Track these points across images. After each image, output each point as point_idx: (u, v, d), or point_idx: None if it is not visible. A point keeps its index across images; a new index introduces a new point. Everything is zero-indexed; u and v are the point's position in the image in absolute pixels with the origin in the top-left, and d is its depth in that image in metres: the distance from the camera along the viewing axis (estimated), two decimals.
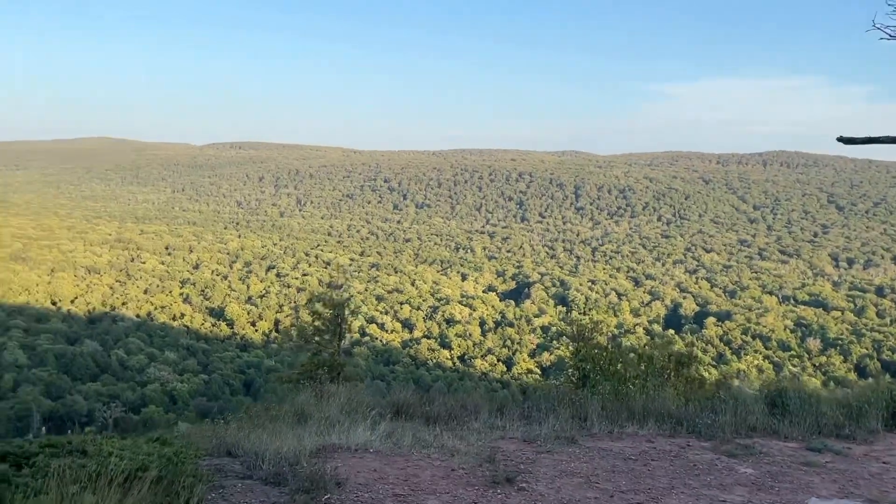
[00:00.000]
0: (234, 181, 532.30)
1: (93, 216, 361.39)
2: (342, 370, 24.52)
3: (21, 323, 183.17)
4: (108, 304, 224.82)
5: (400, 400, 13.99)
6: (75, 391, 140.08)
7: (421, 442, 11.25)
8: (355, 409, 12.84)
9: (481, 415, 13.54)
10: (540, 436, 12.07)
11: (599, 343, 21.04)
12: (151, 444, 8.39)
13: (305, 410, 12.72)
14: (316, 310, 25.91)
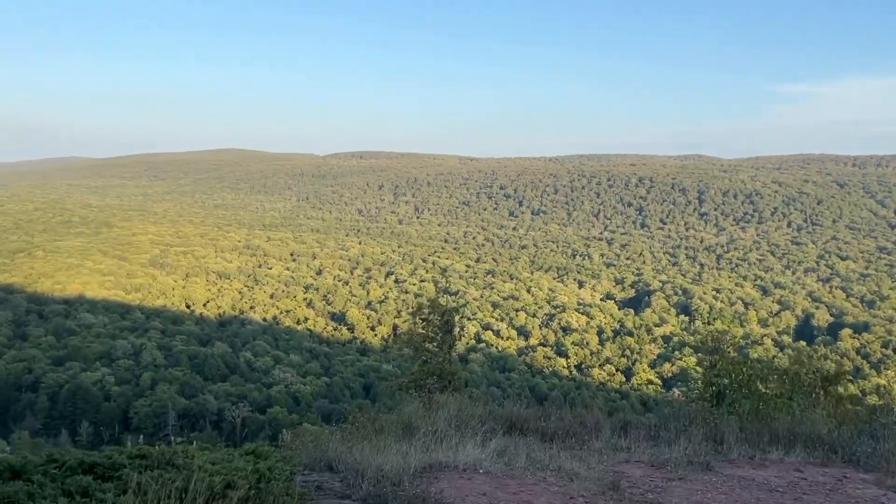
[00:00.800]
0: (356, 190, 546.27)
1: (224, 224, 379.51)
2: (453, 379, 23.58)
3: (159, 325, 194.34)
4: (237, 307, 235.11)
5: (513, 414, 13.00)
6: (207, 391, 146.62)
7: (536, 463, 10.22)
8: (465, 422, 11.96)
9: (603, 433, 12.33)
10: (670, 460, 10.77)
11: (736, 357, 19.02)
12: (245, 458, 7.87)
13: (412, 422, 11.95)
14: (425, 316, 25.24)
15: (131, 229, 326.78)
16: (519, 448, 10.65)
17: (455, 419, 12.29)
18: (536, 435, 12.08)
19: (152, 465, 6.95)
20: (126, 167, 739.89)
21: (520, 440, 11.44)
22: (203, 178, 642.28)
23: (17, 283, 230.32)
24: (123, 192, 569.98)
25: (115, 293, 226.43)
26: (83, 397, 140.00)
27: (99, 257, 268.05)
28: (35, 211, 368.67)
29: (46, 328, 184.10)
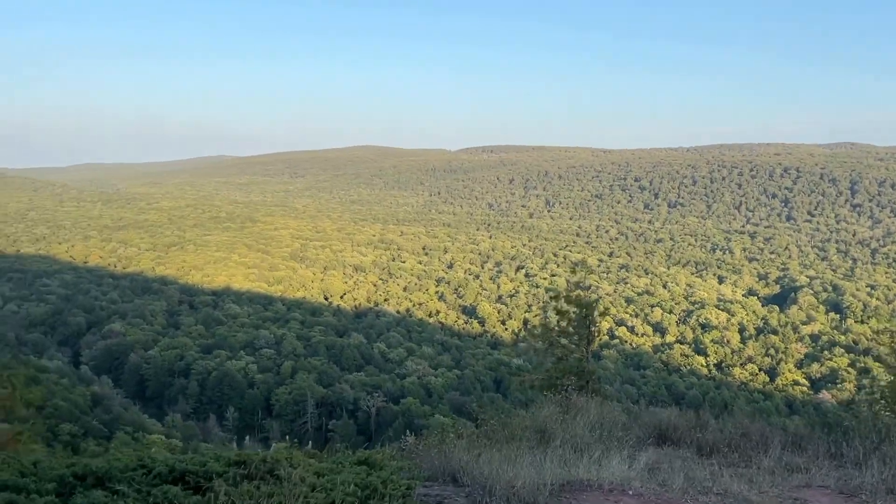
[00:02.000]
0: (486, 184, 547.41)
1: (359, 219, 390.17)
2: (591, 379, 21.63)
3: (298, 316, 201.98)
4: (371, 300, 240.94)
5: (663, 421, 11.45)
6: (343, 380, 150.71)
7: (696, 483, 8.62)
8: (608, 430, 10.57)
9: (772, 448, 10.39)
10: (863, 487, 8.86)
11: None
12: (356, 469, 6.90)
13: (548, 428, 10.63)
14: (562, 308, 23.44)
15: (273, 224, 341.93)
16: (673, 464, 9.02)
17: (596, 426, 10.96)
18: (691, 447, 10.52)
19: (250, 475, 6.13)
20: (269, 165, 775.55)
21: (672, 454, 9.85)
22: (340, 174, 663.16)
23: (171, 275, 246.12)
24: (266, 189, 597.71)
25: (258, 285, 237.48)
26: (229, 384, 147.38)
27: (244, 251, 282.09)
28: (186, 207, 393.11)
29: (196, 318, 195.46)
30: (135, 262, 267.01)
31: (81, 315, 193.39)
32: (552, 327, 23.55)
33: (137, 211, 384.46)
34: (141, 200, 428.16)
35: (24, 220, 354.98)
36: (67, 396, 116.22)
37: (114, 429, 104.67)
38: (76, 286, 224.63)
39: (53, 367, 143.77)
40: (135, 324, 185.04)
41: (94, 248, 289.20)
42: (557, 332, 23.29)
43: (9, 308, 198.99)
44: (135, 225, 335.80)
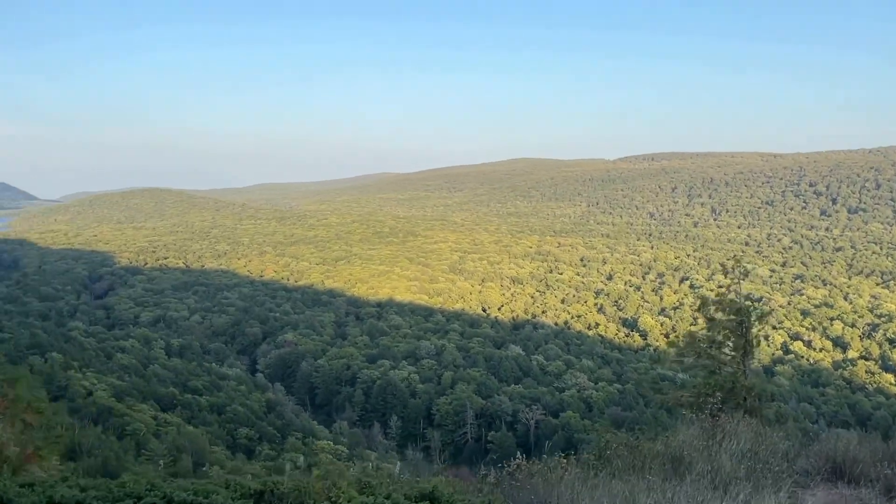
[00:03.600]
0: (647, 192, 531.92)
1: (516, 231, 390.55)
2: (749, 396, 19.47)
3: (457, 327, 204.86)
4: (529, 311, 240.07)
5: (839, 451, 9.42)
6: (501, 391, 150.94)
7: None
8: (764, 462, 8.83)
9: None
10: None
11: None
12: None
13: (685, 456, 9.35)
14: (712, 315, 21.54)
15: (433, 238, 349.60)
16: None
17: (747, 455, 9.28)
18: (876, 487, 8.39)
19: None
20: (429, 180, 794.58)
21: (850, 495, 8.19)
22: (497, 187, 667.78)
23: (338, 288, 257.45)
24: (427, 204, 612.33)
25: (419, 297, 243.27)
26: (392, 393, 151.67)
27: (405, 264, 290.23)
28: (353, 223, 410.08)
29: (362, 328, 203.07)
30: (306, 276, 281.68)
31: (258, 326, 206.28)
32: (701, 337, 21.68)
33: (308, 227, 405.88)
34: (311, 217, 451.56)
35: (207, 238, 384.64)
36: (245, 402, 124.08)
37: (286, 434, 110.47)
38: (253, 298, 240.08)
39: (233, 375, 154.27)
40: (306, 334, 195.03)
41: (269, 263, 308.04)
42: (707, 342, 21.41)
43: (194, 319, 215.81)
44: (305, 240, 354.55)
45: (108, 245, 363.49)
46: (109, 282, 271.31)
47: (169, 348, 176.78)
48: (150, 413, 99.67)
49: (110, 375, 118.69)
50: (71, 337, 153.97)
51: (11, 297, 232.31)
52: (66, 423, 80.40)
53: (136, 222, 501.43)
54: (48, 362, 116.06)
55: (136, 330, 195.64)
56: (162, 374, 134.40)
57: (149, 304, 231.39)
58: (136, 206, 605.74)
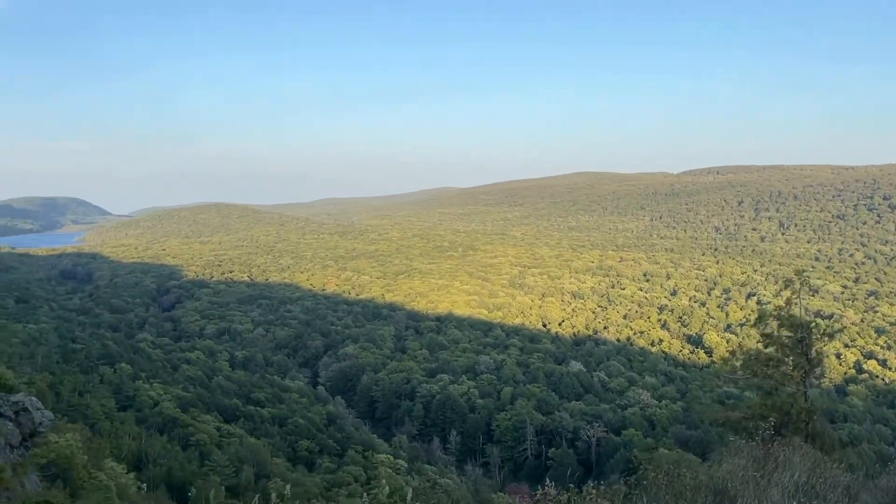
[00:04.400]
0: (712, 207, 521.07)
1: (577, 245, 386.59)
2: (809, 420, 17.75)
3: (517, 342, 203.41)
4: (590, 327, 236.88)
5: None
6: (562, 408, 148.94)
7: None
8: (822, 497, 7.84)
9: None
10: None
11: None
12: None
13: (729, 488, 8.29)
14: (770, 332, 19.97)
15: (493, 252, 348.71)
16: None
17: (801, 490, 8.14)
18: None
19: None
20: (489, 195, 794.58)
21: None
22: (558, 201, 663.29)
23: (399, 302, 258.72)
24: (487, 218, 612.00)
25: (478, 311, 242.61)
26: (452, 407, 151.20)
27: (465, 278, 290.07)
28: (413, 237, 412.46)
29: (421, 342, 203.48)
30: (367, 290, 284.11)
31: (319, 339, 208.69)
32: (758, 354, 20.05)
33: (369, 241, 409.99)
34: (372, 232, 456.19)
35: (272, 252, 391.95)
36: (306, 415, 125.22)
37: (346, 447, 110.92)
38: (315, 312, 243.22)
39: (295, 387, 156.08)
40: (366, 347, 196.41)
41: (331, 277, 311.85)
42: (764, 359, 19.80)
43: (258, 331, 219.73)
44: (367, 255, 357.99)
45: (175, 259, 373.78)
46: (177, 294, 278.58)
47: (233, 360, 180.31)
48: (213, 424, 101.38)
49: (176, 386, 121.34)
50: (139, 348, 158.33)
51: (85, 309, 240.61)
52: (133, 433, 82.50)
53: (203, 236, 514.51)
54: (117, 373, 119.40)
55: (202, 342, 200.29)
56: (226, 386, 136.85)
57: (214, 317, 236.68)
58: (203, 220, 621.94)
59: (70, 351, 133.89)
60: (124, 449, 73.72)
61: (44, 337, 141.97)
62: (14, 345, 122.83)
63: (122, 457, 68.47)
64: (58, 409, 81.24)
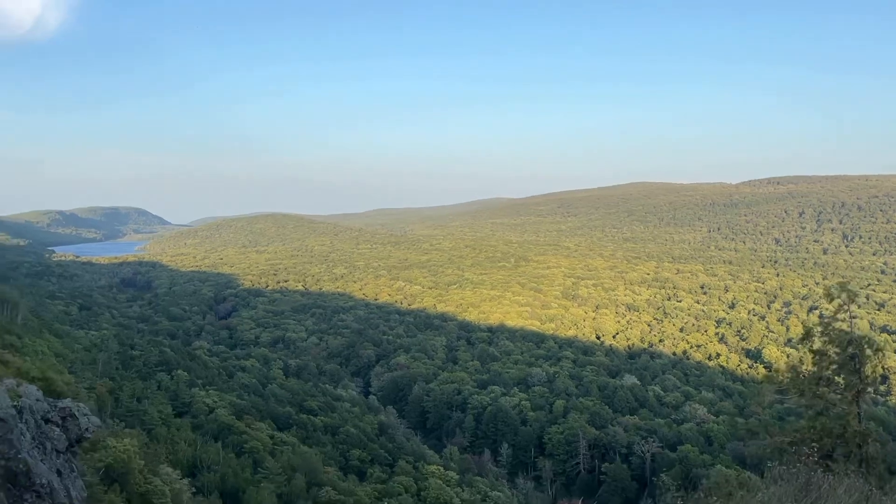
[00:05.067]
0: (772, 218, 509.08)
1: (632, 257, 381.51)
2: (863, 443, 16.16)
3: (570, 354, 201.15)
4: (645, 340, 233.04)
5: None
6: (616, 422, 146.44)
7: None
8: None
9: None
10: None
11: None
12: None
13: None
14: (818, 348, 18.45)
15: (546, 263, 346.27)
16: None
17: None
18: None
19: None
20: (542, 205, 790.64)
21: None
22: (612, 212, 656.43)
23: (450, 312, 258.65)
24: (539, 229, 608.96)
25: (531, 323, 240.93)
26: (503, 420, 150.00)
27: (517, 289, 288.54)
28: (465, 248, 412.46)
29: (473, 353, 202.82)
30: (418, 300, 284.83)
31: (371, 348, 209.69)
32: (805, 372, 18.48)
33: (421, 252, 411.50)
34: (425, 242, 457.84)
35: (326, 261, 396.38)
36: (357, 424, 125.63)
37: (397, 457, 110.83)
38: (367, 321, 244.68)
39: (347, 396, 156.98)
40: (418, 357, 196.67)
41: (383, 287, 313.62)
42: (813, 378, 18.23)
43: (311, 340, 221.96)
44: (419, 265, 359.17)
45: (232, 268, 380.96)
46: (233, 303, 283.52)
47: (287, 369, 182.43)
48: (267, 432, 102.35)
49: (231, 394, 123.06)
50: (196, 355, 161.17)
51: (144, 316, 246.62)
52: (189, 439, 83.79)
53: (260, 246, 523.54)
54: (174, 379, 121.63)
55: (257, 350, 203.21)
56: (279, 394, 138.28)
57: (269, 326, 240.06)
58: (259, 230, 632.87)
59: (129, 357, 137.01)
60: (180, 455, 74.91)
61: (105, 343, 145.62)
62: (76, 351, 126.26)
63: (178, 462, 69.56)
64: (116, 415, 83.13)
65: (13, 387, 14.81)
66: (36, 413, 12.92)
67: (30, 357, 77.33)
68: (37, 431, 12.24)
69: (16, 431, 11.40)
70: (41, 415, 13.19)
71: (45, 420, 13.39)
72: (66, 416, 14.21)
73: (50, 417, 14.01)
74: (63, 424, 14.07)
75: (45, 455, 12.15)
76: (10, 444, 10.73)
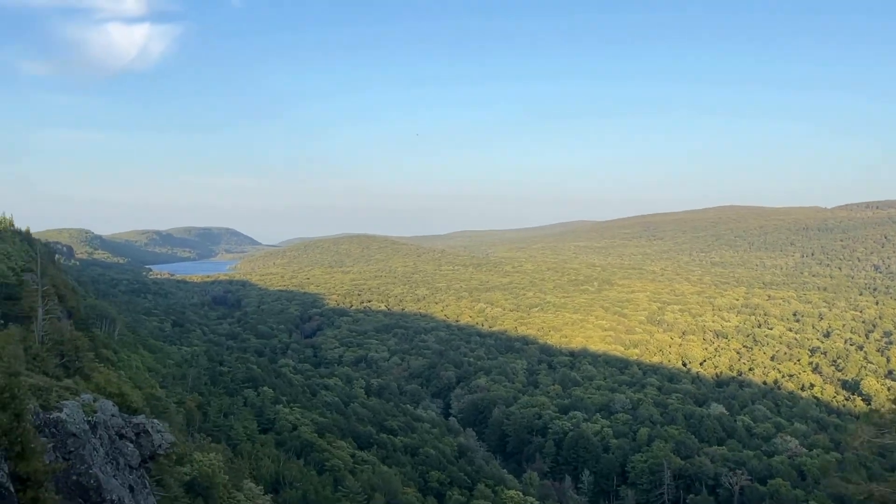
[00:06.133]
0: (870, 243, 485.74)
1: (720, 282, 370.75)
2: None
3: (655, 381, 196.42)
4: (734, 368, 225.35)
5: None
6: (702, 452, 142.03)
7: None
8: None
9: None
10: None
11: None
12: None
13: None
14: None
15: (630, 287, 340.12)
16: None
17: None
18: None
19: None
20: (626, 228, 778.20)
21: None
22: (700, 236, 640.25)
23: (531, 335, 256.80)
24: (623, 252, 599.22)
25: (614, 348, 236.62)
26: (584, 446, 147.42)
27: (600, 313, 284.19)
28: (547, 271, 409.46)
29: (554, 377, 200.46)
30: (499, 322, 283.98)
31: (452, 369, 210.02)
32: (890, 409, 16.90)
33: (503, 274, 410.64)
34: (506, 264, 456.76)
35: (408, 282, 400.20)
36: (437, 445, 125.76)
37: (476, 480, 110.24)
38: (448, 343, 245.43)
39: (427, 417, 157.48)
40: (498, 380, 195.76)
41: (464, 308, 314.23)
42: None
43: (393, 360, 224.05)
44: (500, 287, 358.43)
45: (318, 287, 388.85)
46: (318, 322, 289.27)
47: (368, 388, 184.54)
48: (348, 450, 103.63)
49: (314, 411, 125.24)
50: (281, 373, 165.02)
51: (233, 333, 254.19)
52: (273, 455, 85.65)
53: (345, 266, 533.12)
54: (260, 396, 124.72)
55: (340, 369, 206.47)
56: (361, 413, 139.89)
57: (352, 345, 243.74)
58: (344, 251, 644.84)
59: (218, 373, 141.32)
60: (263, 471, 76.62)
61: (195, 359, 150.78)
62: (168, 366, 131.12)
63: (261, 478, 71.15)
64: (204, 429, 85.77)
65: (90, 402, 15.57)
66: (110, 428, 13.47)
67: (124, 371, 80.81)
68: (110, 447, 12.77)
69: (88, 447, 11.90)
70: (115, 430, 13.74)
71: (119, 435, 13.93)
72: (140, 432, 14.78)
73: (124, 433, 14.58)
74: (137, 440, 14.63)
75: (117, 470, 12.65)
76: (82, 460, 11.25)
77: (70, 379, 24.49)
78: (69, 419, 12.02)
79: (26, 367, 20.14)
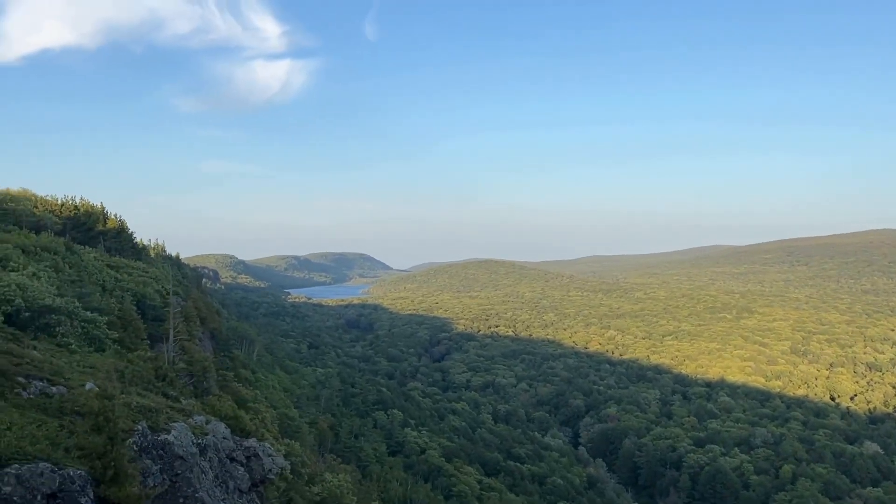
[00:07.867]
0: None
1: (873, 311, 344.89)
2: None
3: (799, 415, 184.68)
4: (890, 404, 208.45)
5: None
6: (854, 494, 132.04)
7: None
8: None
9: None
10: None
11: None
12: None
13: None
14: None
15: (772, 315, 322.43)
16: None
17: None
18: None
19: None
20: (766, 253, 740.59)
21: None
22: (849, 261, 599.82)
23: (665, 364, 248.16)
24: (764, 278, 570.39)
25: (754, 379, 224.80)
26: (722, 481, 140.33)
27: (739, 342, 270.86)
28: (681, 297, 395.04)
29: (689, 409, 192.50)
30: (630, 350, 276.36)
31: (581, 397, 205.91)
32: None
33: (634, 300, 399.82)
34: (638, 290, 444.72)
35: (536, 308, 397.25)
36: (565, 475, 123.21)
37: None
38: (577, 370, 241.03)
39: (555, 446, 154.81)
40: (629, 410, 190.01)
41: (594, 335, 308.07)
42: None
43: (521, 386, 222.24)
44: (631, 314, 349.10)
45: (447, 312, 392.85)
46: (447, 346, 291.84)
47: (496, 414, 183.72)
48: (475, 476, 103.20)
49: (441, 436, 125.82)
50: (410, 396, 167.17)
51: (365, 356, 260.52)
52: (401, 478, 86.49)
53: (473, 291, 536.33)
54: (390, 418, 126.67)
55: (467, 393, 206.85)
56: (488, 439, 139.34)
57: (479, 370, 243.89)
58: (472, 276, 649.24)
59: (349, 395, 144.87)
60: (391, 493, 77.43)
61: (329, 381, 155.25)
62: (303, 387, 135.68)
63: (389, 501, 71.92)
64: (335, 450, 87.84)
65: (202, 423, 15.84)
66: (221, 451, 13.66)
67: (261, 390, 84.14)
68: (220, 470, 12.92)
69: (195, 469, 12.05)
70: (226, 453, 13.92)
71: (230, 458, 14.10)
72: (250, 455, 14.96)
73: (235, 456, 14.77)
74: (247, 464, 14.80)
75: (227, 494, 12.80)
76: (188, 483, 11.45)
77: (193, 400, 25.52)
78: (176, 441, 12.30)
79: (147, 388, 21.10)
